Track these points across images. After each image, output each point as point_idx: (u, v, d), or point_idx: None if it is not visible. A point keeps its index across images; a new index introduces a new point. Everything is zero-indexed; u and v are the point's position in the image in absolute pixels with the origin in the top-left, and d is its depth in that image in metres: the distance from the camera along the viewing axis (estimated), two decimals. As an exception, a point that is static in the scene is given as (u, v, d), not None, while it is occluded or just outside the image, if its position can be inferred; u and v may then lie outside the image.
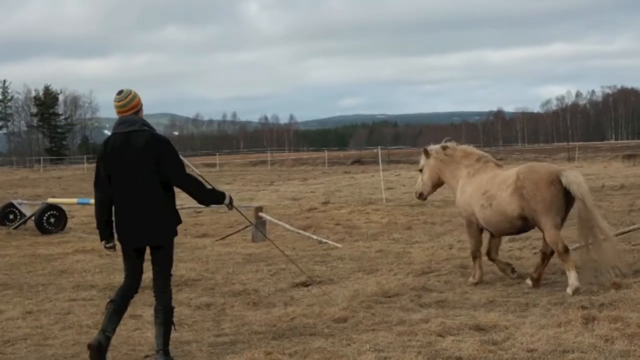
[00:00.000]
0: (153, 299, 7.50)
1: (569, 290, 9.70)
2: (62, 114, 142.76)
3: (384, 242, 15.32)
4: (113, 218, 7.44)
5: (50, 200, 20.63)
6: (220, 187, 9.34)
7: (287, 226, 16.62)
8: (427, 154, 11.72)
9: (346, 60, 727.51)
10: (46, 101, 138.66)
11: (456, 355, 7.10)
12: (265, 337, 8.14)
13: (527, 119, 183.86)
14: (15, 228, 19.77)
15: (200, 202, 7.73)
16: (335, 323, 8.63)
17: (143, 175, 7.22)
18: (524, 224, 10.25)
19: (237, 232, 16.87)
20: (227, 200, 7.77)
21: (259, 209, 16.51)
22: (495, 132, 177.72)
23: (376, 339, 7.78)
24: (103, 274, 12.47)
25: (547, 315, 8.54)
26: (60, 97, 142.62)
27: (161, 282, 7.51)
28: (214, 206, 8.76)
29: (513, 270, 10.87)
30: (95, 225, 7.71)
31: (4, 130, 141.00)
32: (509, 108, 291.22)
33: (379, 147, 40.00)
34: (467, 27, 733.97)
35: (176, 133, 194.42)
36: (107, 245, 7.53)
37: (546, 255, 10.41)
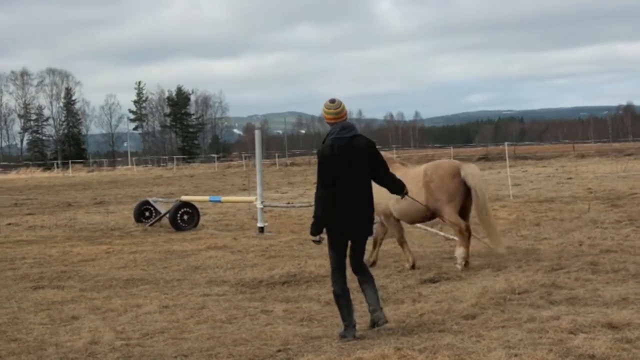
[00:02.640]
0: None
1: (456, 262, 11.79)
2: (193, 114, 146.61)
3: (512, 238, 15.12)
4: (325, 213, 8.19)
5: (184, 198, 21.17)
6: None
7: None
8: None
9: (473, 57, 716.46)
10: (178, 101, 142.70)
11: (589, 353, 6.98)
12: (394, 333, 8.18)
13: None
14: (151, 225, 20.48)
15: (392, 192, 8.93)
16: (464, 320, 8.60)
17: (362, 174, 8.24)
18: (432, 213, 12.08)
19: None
20: (406, 190, 9.02)
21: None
22: (625, 127, 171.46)
23: (506, 336, 7.72)
24: (235, 270, 12.81)
25: (684, 313, 8.29)
26: (192, 97, 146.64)
27: (359, 263, 8.50)
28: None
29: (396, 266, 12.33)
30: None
31: (139, 130, 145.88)
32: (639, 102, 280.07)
33: (506, 143, 39.42)
34: (598, 20, 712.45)
35: (303, 131, 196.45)
36: (319, 239, 8.33)
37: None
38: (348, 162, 8.13)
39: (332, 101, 8.38)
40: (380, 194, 12.08)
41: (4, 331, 9.09)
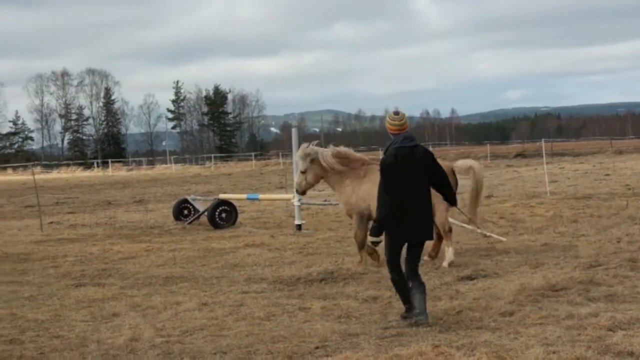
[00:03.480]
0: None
1: (445, 264, 12.11)
2: (230, 113, 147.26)
3: (549, 235, 15.07)
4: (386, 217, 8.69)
5: (222, 196, 21.26)
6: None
7: (451, 220, 16.53)
8: (312, 160, 13.40)
9: (510, 53, 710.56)
10: (216, 100, 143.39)
11: (628, 350, 6.96)
12: (432, 330, 8.20)
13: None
14: (190, 223, 20.64)
15: (447, 200, 9.33)
16: (501, 317, 8.61)
17: (422, 180, 8.76)
18: None
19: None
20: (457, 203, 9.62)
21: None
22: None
23: (544, 333, 7.73)
24: (272, 267, 12.88)
25: None
26: (229, 96, 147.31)
27: (415, 267, 8.78)
28: None
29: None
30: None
31: (178, 129, 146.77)
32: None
33: (543, 139, 39.14)
34: (636, 15, 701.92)
35: (339, 129, 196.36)
36: (378, 241, 9.02)
37: (439, 235, 12.58)
38: (410, 170, 8.65)
39: (397, 113, 8.94)
40: (362, 195, 12.71)
41: (46, 328, 9.25)
